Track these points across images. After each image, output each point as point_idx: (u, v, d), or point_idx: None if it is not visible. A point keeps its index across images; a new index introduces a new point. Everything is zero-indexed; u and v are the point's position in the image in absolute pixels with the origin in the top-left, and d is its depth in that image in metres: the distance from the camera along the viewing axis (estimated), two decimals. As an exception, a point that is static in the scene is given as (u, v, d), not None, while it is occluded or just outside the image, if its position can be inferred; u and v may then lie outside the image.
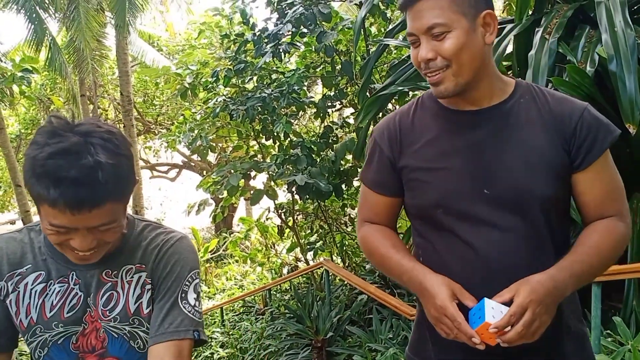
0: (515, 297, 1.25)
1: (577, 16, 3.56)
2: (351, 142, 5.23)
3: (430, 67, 1.35)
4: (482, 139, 1.40)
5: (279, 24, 5.04)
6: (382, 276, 5.31)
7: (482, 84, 1.40)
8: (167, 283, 1.35)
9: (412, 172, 1.46)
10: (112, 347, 1.35)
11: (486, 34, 1.36)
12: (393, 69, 4.74)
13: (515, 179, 1.36)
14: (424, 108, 1.50)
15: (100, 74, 13.98)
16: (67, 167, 1.11)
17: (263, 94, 5.16)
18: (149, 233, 1.40)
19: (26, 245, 1.36)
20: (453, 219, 1.40)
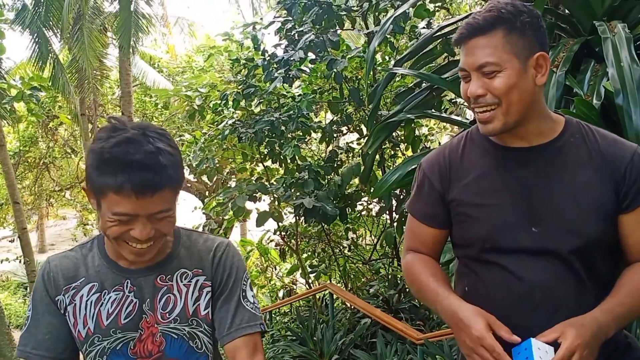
0: (562, 340, 1.28)
1: (582, 51, 3.68)
2: (357, 166, 5.33)
3: (480, 102, 1.39)
4: (532, 177, 1.43)
5: (289, 50, 5.16)
6: (385, 300, 5.36)
7: (532, 122, 1.43)
8: (229, 285, 1.47)
9: (461, 207, 1.50)
10: (170, 350, 1.43)
11: (537, 75, 1.39)
12: (400, 97, 4.85)
13: (563, 219, 1.39)
14: (472, 143, 1.54)
15: (100, 93, 14.08)
16: (132, 152, 1.22)
17: (271, 117, 5.27)
18: (197, 239, 1.50)
19: (79, 260, 1.45)
20: (499, 252, 1.44)
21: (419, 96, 4.37)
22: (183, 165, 1.37)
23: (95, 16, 12.07)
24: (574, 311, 1.37)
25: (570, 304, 1.38)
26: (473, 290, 1.50)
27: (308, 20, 5.03)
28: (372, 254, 6.56)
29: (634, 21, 4.01)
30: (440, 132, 7.10)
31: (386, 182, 4.03)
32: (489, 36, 1.36)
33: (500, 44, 1.36)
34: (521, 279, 1.41)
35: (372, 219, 6.67)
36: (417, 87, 4.64)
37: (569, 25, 4.09)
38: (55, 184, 16.76)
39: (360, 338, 4.96)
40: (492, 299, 1.43)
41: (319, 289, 5.77)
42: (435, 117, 4.62)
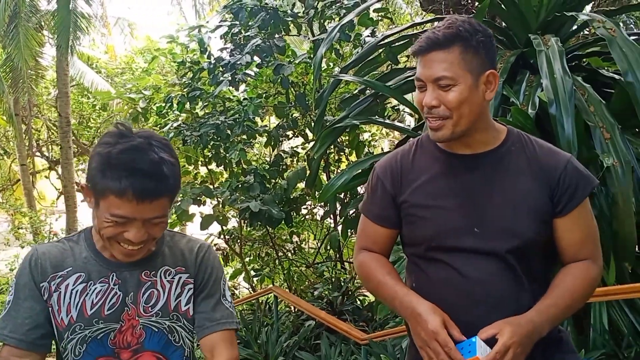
0: (499, 337, 1.39)
1: (518, 62, 3.87)
2: (302, 171, 5.40)
3: (433, 113, 1.49)
4: (476, 182, 1.55)
5: (235, 54, 5.19)
6: (329, 302, 5.44)
7: (478, 132, 1.54)
8: (210, 284, 1.57)
9: (410, 208, 1.60)
10: (149, 342, 1.50)
11: (487, 90, 1.50)
12: (344, 103, 4.96)
13: (502, 221, 1.51)
14: (422, 149, 1.65)
15: (35, 93, 13.65)
16: (138, 160, 1.31)
17: (217, 121, 5.27)
18: (179, 240, 1.60)
19: (66, 251, 1.51)
20: (445, 251, 1.55)
21: (364, 103, 4.48)
22: (181, 175, 1.46)
23: (32, 14, 11.72)
24: (512, 307, 1.48)
25: (509, 300, 1.49)
26: (419, 286, 1.59)
27: (255, 25, 5.08)
28: (316, 257, 6.64)
29: (566, 35, 4.24)
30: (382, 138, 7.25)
31: (332, 186, 4.12)
32: (446, 52, 1.45)
33: (456, 60, 1.45)
34: (463, 276, 1.52)
35: (316, 222, 6.75)
36: (361, 94, 4.76)
37: (505, 38, 4.28)
38: (-15, 187, 16.14)
39: (305, 340, 5.02)
40: (436, 294, 1.52)
41: (264, 292, 5.80)
42: (380, 123, 4.74)
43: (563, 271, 1.57)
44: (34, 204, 14.47)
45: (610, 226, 3.25)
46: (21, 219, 13.18)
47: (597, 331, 3.25)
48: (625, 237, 3.15)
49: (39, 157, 16.11)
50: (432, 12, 5.79)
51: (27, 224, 12.85)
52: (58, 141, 13.47)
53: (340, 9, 5.08)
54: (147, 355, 1.51)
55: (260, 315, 5.77)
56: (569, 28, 4.23)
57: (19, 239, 12.57)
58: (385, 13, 5.60)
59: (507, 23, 4.30)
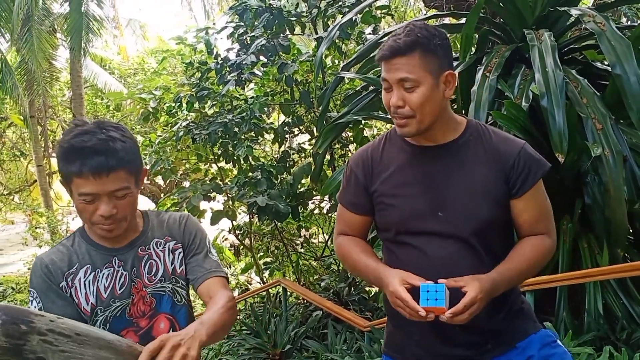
0: (468, 290, 1.54)
1: (514, 56, 3.98)
2: (308, 166, 5.55)
3: (399, 112, 1.64)
4: (438, 171, 1.71)
5: (241, 54, 5.34)
6: (336, 293, 5.59)
7: (438, 126, 1.70)
8: (196, 243, 1.77)
9: (380, 197, 1.76)
10: (160, 306, 1.70)
11: (446, 89, 1.65)
12: (348, 99, 5.09)
13: (462, 205, 1.66)
14: (391, 142, 1.81)
15: (50, 95, 13.91)
16: (87, 140, 1.48)
17: (225, 119, 5.43)
18: (162, 216, 1.81)
19: (69, 250, 1.67)
20: (411, 234, 1.71)
21: (366, 98, 4.61)
22: (139, 151, 1.63)
23: (45, 17, 11.96)
24: None
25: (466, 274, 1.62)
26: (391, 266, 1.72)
27: (259, 26, 5.22)
28: (324, 250, 6.79)
29: (561, 29, 4.34)
30: (387, 133, 7.36)
31: (335, 180, 4.26)
32: (408, 57, 1.60)
33: (417, 64, 1.60)
34: (428, 256, 1.68)
35: (324, 216, 6.89)
36: (364, 90, 4.88)
37: (502, 33, 4.40)
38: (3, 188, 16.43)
39: (312, 330, 5.17)
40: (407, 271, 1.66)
41: (273, 284, 5.96)
42: (380, 118, 4.87)
43: (520, 242, 1.74)
44: (51, 204, 14.73)
45: (602, 214, 3.36)
46: (38, 219, 13.44)
47: (591, 315, 3.35)
48: (617, 224, 3.25)
49: (55, 157, 16.36)
50: (434, 8, 5.90)
51: (44, 223, 13.09)
52: (73, 142, 13.68)
53: (342, 8, 5.21)
54: (161, 317, 1.70)
55: (270, 306, 5.93)
56: (565, 22, 4.33)
57: (37, 238, 12.83)
58: (387, 10, 5.71)
59: (503, 19, 4.41)
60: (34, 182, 16.14)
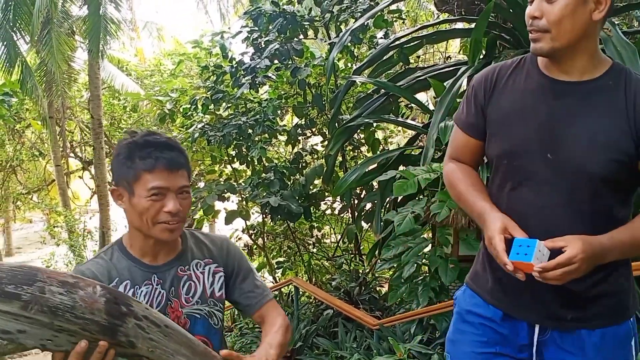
0: (568, 249, 1.38)
1: (522, 61, 4.06)
2: (320, 167, 5.66)
3: (533, 25, 1.49)
4: (561, 109, 1.52)
5: (256, 57, 5.47)
6: (347, 292, 5.69)
7: (578, 57, 1.50)
8: (242, 269, 1.80)
9: (494, 120, 1.62)
10: (194, 328, 1.68)
11: (595, 10, 1.45)
12: (359, 102, 5.20)
13: (575, 153, 1.49)
14: (523, 67, 1.63)
15: (68, 96, 14.13)
16: (158, 137, 1.60)
17: (239, 121, 5.56)
18: (199, 236, 1.81)
19: (109, 264, 1.67)
20: (513, 171, 1.57)
21: (377, 101, 4.71)
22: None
23: (64, 20, 12.15)
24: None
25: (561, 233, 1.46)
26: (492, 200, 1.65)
27: (273, 30, 5.34)
28: (336, 250, 6.89)
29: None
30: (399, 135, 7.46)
31: (346, 181, 4.37)
32: None
33: None
34: (524, 201, 1.55)
35: (336, 217, 7.00)
36: (375, 93, 4.98)
37: (511, 37, 4.48)
38: (22, 187, 16.71)
39: (323, 328, 5.27)
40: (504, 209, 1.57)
41: (285, 283, 6.07)
42: (391, 121, 4.98)
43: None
44: (69, 203, 14.97)
45: None
46: (56, 217, 13.66)
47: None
48: None
49: (73, 157, 16.63)
50: (446, 12, 5.99)
51: (62, 222, 13.30)
52: (91, 142, 13.95)
53: (355, 12, 5.31)
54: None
55: (282, 305, 6.04)
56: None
57: (55, 237, 13.05)
58: (399, 14, 5.81)
59: (512, 23, 4.48)
60: (52, 181, 16.40)
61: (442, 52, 8.13)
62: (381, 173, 4.03)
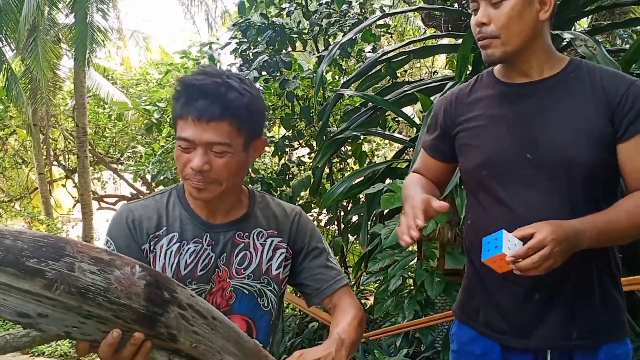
0: (536, 233, 1.31)
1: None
2: (307, 179, 5.67)
3: (482, 32, 1.48)
4: (530, 108, 1.50)
5: (244, 69, 5.47)
6: (332, 305, 5.68)
7: (533, 57, 1.50)
8: (312, 246, 1.60)
9: (463, 138, 1.61)
10: (238, 305, 1.50)
11: (541, 10, 1.46)
12: (347, 115, 5.23)
13: (557, 145, 1.45)
14: (481, 82, 1.65)
15: (53, 104, 14.04)
16: (200, 79, 1.36)
17: (226, 132, 5.55)
18: (269, 202, 1.61)
19: (160, 209, 1.48)
20: (496, 181, 1.52)
21: (365, 115, 4.75)
22: (260, 110, 1.44)
23: (50, 27, 12.10)
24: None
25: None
26: (473, 219, 1.64)
27: (262, 42, 5.36)
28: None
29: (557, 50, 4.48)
30: (385, 148, 7.50)
31: (333, 193, 4.38)
32: None
33: None
34: (514, 211, 1.49)
35: (322, 229, 7.00)
36: (363, 106, 5.02)
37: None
38: (4, 195, 16.52)
39: (308, 340, 5.26)
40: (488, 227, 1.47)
41: (270, 295, 6.06)
42: (378, 134, 5.01)
43: (627, 195, 1.48)
44: (51, 211, 14.82)
45: None
46: (39, 226, 13.52)
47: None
48: None
49: (56, 166, 16.49)
50: (433, 27, 6.05)
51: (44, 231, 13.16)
52: (75, 150, 13.84)
53: (343, 26, 5.35)
54: (236, 318, 1.48)
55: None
56: (559, 45, 4.46)
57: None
58: (387, 29, 5.86)
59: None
60: (34, 189, 16.24)
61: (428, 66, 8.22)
62: (368, 186, 4.05)
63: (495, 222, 1.48)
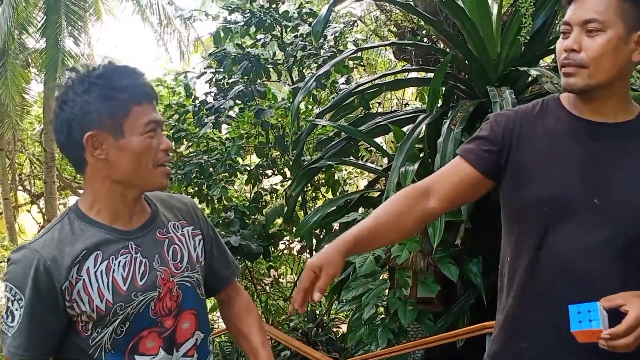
0: (630, 309, 1.22)
1: (477, 111, 4.25)
2: (281, 207, 5.73)
3: (570, 58, 1.37)
4: (603, 151, 1.41)
5: (219, 98, 5.55)
6: (304, 333, 5.70)
7: (613, 98, 1.42)
8: (213, 233, 1.59)
9: (525, 166, 1.45)
10: (185, 301, 1.44)
11: (635, 51, 1.37)
12: (321, 144, 5.33)
13: (628, 195, 1.36)
14: (548, 110, 1.50)
15: (20, 128, 13.86)
16: (125, 65, 1.38)
17: (200, 160, 5.59)
18: (162, 197, 1.54)
19: (69, 236, 1.35)
20: (553, 219, 1.40)
21: (339, 145, 4.85)
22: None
23: (20, 52, 12.02)
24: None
25: (611, 287, 1.31)
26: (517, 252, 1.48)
27: (238, 72, 5.45)
28: (293, 290, 6.91)
29: (521, 87, 4.66)
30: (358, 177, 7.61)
31: (307, 222, 4.45)
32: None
33: (612, 4, 1.35)
34: (567, 250, 1.39)
35: (294, 257, 7.03)
36: (336, 136, 5.12)
37: (467, 88, 4.69)
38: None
39: (281, 370, 5.27)
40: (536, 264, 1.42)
41: (242, 323, 6.04)
42: (352, 164, 5.11)
43: None
44: (16, 237, 14.51)
45: None
46: (3, 252, 13.22)
47: None
48: None
49: (21, 190, 16.20)
50: (404, 61, 6.23)
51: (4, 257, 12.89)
52: (40, 175, 13.67)
53: (317, 58, 5.48)
54: (185, 315, 1.45)
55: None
56: (525, 81, 4.65)
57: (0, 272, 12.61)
58: (360, 61, 6.01)
59: (468, 75, 4.71)
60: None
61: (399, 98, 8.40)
62: (342, 215, 4.13)
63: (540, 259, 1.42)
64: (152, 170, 1.35)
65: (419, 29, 5.81)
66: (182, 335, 1.44)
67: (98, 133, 1.31)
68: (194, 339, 1.47)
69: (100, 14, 12.77)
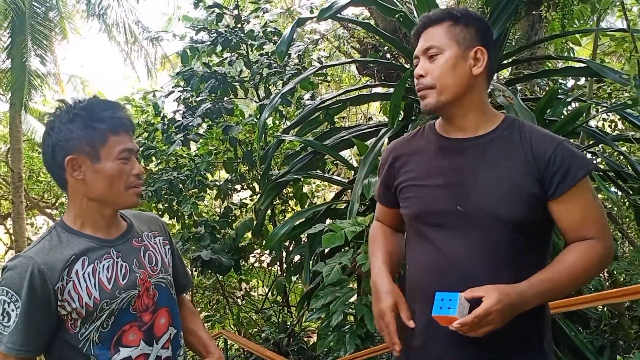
0: (485, 300, 1.39)
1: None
2: (250, 221, 5.84)
3: (420, 83, 1.60)
4: (464, 163, 1.60)
5: (187, 115, 5.67)
6: (276, 344, 5.80)
7: (470, 114, 1.61)
8: (176, 247, 1.86)
9: (402, 188, 1.72)
10: (161, 300, 1.68)
11: (475, 65, 1.58)
12: (288, 159, 5.46)
13: (484, 201, 1.54)
14: (422, 135, 1.76)
15: (-15, 149, 13.69)
16: (108, 100, 1.62)
17: (170, 176, 5.69)
18: (135, 213, 1.81)
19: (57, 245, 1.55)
20: (429, 228, 1.63)
21: (305, 159, 4.98)
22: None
23: (-15, 72, 11.93)
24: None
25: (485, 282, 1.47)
26: (409, 260, 1.74)
27: (205, 90, 5.58)
28: (264, 302, 7.01)
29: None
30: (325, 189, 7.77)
31: (276, 235, 4.56)
32: (436, 27, 1.61)
33: (444, 33, 1.59)
34: (444, 254, 1.59)
35: (264, 270, 7.14)
36: (303, 151, 5.26)
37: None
38: None
39: (254, 380, 5.36)
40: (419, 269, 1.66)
41: (214, 336, 6.11)
42: (319, 177, 5.25)
43: (565, 249, 1.56)
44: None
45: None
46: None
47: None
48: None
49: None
50: (367, 76, 6.42)
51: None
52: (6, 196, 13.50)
53: (283, 75, 5.64)
54: (162, 312, 1.67)
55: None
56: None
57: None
58: (324, 77, 6.18)
59: (427, 89, 4.89)
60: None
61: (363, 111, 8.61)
62: (310, 226, 4.25)
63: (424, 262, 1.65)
64: (124, 192, 1.57)
65: (381, 45, 6.01)
66: (160, 329, 1.66)
67: (78, 157, 1.53)
68: (168, 333, 1.69)
69: (66, 33, 12.70)
